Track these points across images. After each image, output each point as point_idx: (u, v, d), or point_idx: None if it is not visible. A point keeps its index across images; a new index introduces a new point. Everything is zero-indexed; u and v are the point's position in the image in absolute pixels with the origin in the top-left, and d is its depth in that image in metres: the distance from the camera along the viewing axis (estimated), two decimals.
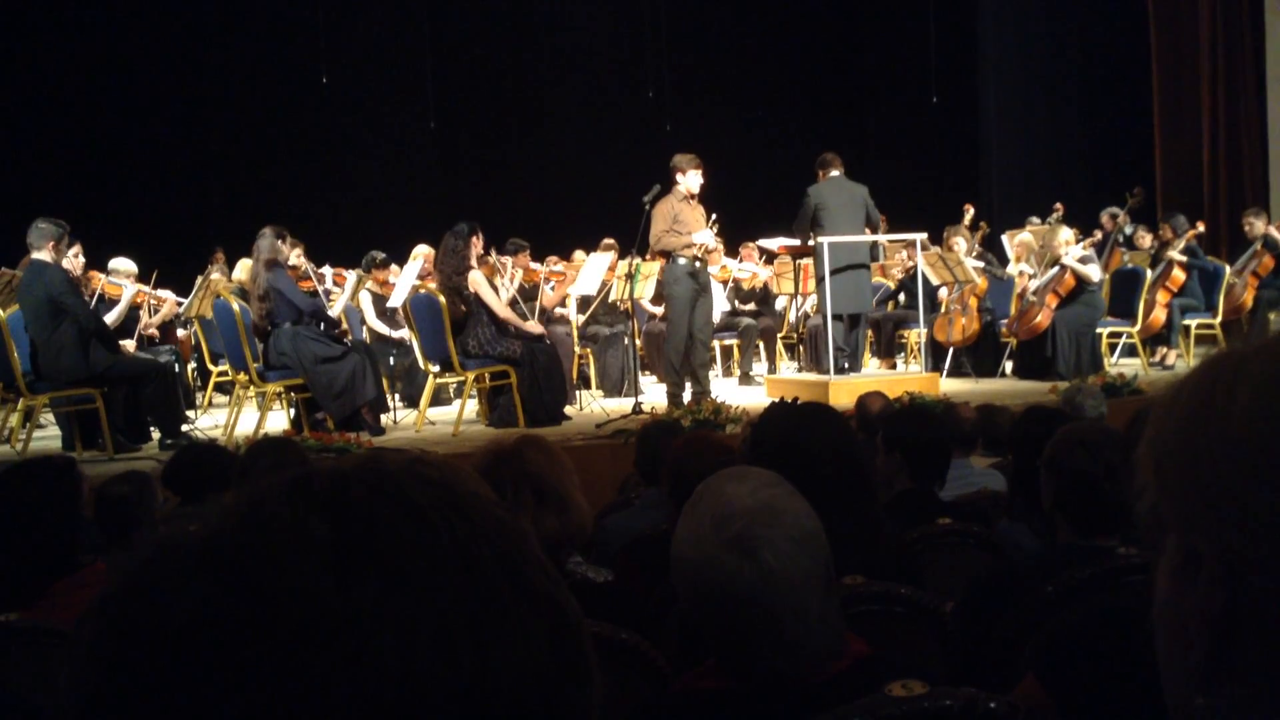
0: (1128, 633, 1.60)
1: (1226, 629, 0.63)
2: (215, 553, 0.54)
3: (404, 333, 9.11)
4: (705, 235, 8.21)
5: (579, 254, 11.31)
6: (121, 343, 8.17)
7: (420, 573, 0.54)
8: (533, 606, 0.56)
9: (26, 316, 7.19)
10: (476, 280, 7.81)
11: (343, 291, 8.46)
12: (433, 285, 8.20)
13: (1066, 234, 9.63)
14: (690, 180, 8.12)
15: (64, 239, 7.29)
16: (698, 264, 8.31)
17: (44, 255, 7.16)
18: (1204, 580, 0.63)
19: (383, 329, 9.70)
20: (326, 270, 9.55)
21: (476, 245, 7.92)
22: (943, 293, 10.19)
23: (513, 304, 8.47)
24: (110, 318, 7.97)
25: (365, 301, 9.79)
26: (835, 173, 8.76)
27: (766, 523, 1.57)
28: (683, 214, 8.09)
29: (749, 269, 11.36)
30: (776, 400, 2.84)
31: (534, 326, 8.20)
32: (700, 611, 1.60)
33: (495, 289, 8.13)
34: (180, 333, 10.01)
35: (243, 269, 10.03)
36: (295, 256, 8.39)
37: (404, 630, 0.52)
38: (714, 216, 8.70)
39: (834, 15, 17.47)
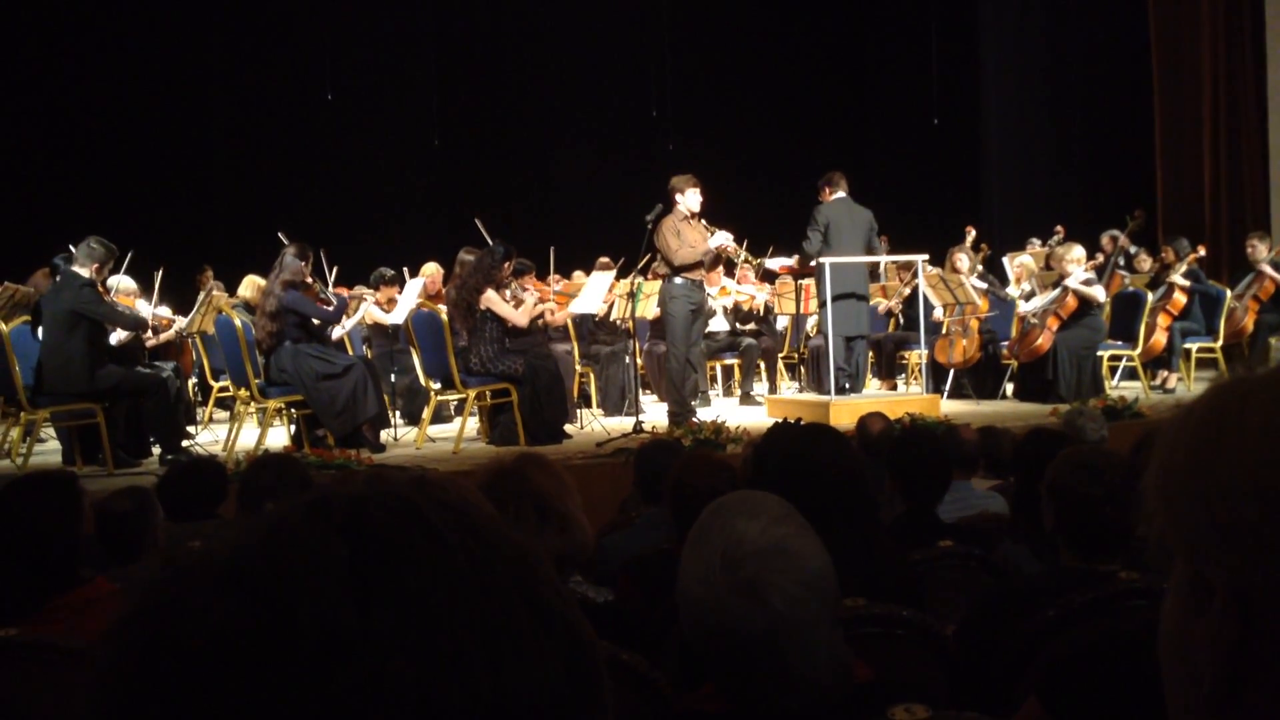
0: (1131, 658, 1.60)
1: (1238, 660, 0.62)
2: (236, 573, 0.54)
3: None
4: (722, 236, 8.19)
5: (578, 275, 11.32)
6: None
7: (438, 596, 0.54)
8: (548, 630, 0.57)
9: (45, 324, 7.22)
10: (490, 298, 7.79)
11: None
12: (440, 306, 8.21)
13: (1078, 252, 9.62)
14: (690, 200, 8.15)
15: (109, 263, 7.35)
16: (705, 289, 8.35)
17: (84, 271, 7.19)
18: (1215, 610, 0.63)
19: (385, 318, 9.62)
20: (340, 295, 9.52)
21: (506, 270, 7.95)
22: (938, 313, 10.18)
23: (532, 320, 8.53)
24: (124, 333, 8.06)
25: (374, 311, 9.80)
26: (841, 193, 8.75)
27: (778, 567, 1.54)
28: (685, 232, 8.12)
29: (748, 291, 11.36)
30: (780, 420, 2.84)
31: (553, 314, 8.28)
32: (706, 648, 1.58)
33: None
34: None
35: (248, 285, 10.03)
36: (308, 276, 8.41)
37: (422, 653, 0.53)
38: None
39: (836, 37, 17.53)
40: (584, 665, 0.58)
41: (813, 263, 8.68)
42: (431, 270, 10.01)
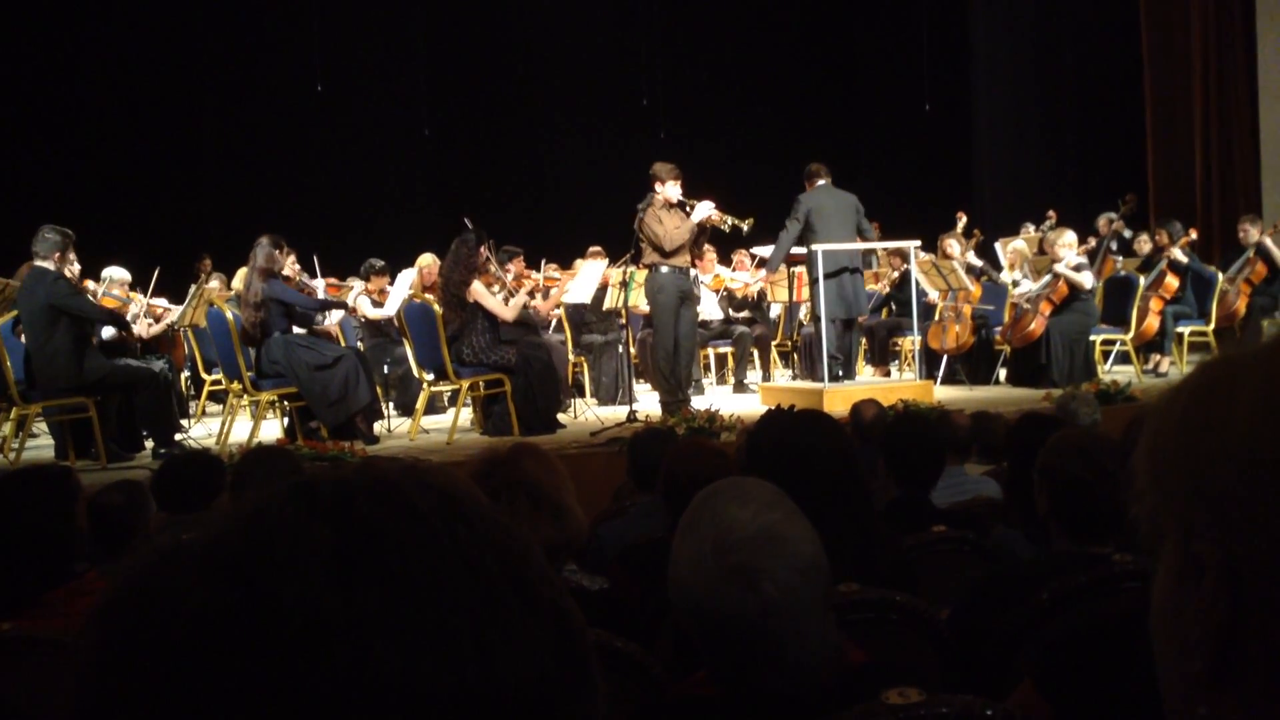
0: (1124, 639, 1.60)
1: (1229, 637, 0.62)
2: (218, 558, 0.54)
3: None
4: (703, 208, 8.13)
5: (579, 263, 11.30)
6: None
7: (424, 579, 0.54)
8: (537, 614, 0.56)
9: (24, 322, 7.18)
10: (477, 289, 7.80)
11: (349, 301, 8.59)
12: (429, 296, 8.22)
13: (1070, 237, 9.63)
14: (669, 190, 8.11)
15: (69, 248, 7.27)
16: (692, 273, 8.32)
17: (48, 264, 7.14)
18: (1207, 587, 0.63)
19: (378, 313, 9.62)
20: (319, 283, 9.53)
21: (482, 254, 7.93)
22: (933, 296, 10.18)
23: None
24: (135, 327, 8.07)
25: (364, 305, 9.79)
26: (822, 182, 8.79)
27: (769, 553, 1.54)
28: (666, 220, 8.10)
29: (742, 278, 11.35)
30: (774, 407, 2.84)
31: (543, 307, 8.27)
32: (699, 634, 1.59)
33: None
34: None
35: (241, 278, 10.01)
36: (288, 266, 8.40)
37: (407, 637, 0.52)
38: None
39: (828, 24, 17.50)
40: (573, 650, 0.57)
41: (786, 245, 8.67)
42: (428, 261, 9.97)
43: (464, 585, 0.55)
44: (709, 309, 10.86)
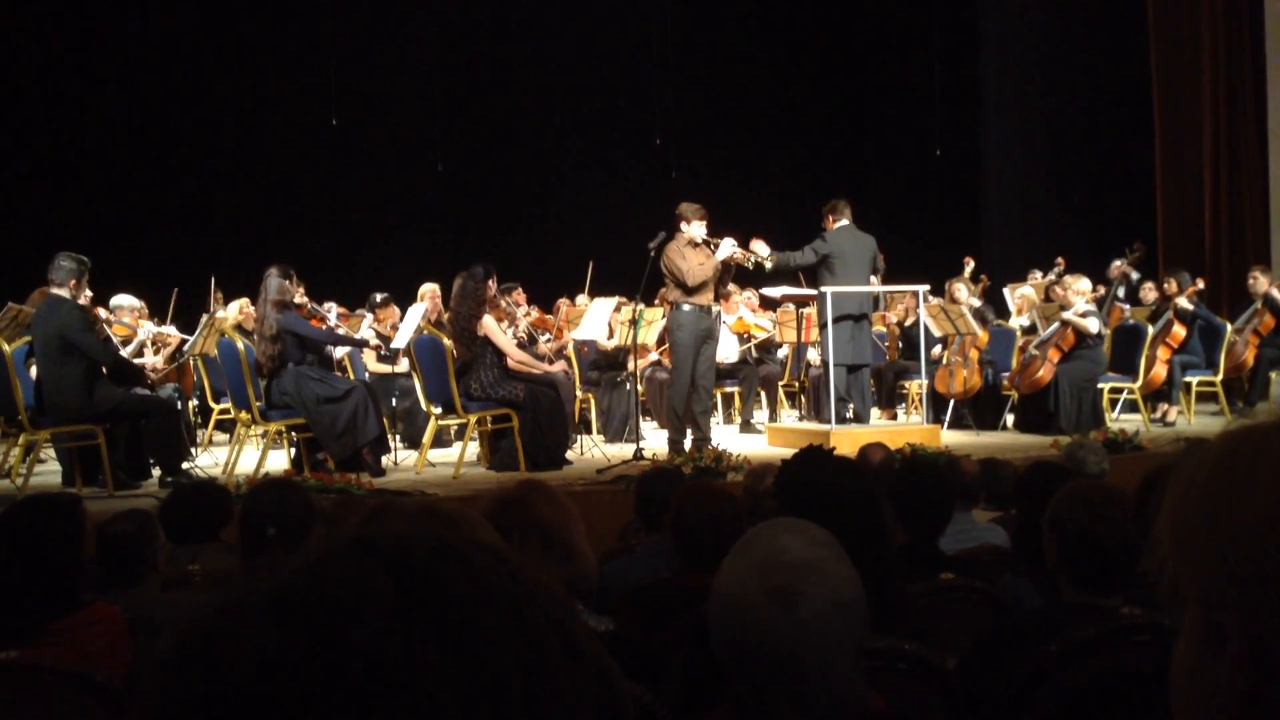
0: (1133, 693, 1.60)
1: (1251, 706, 0.63)
2: (284, 604, 0.56)
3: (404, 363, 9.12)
4: (727, 246, 8.18)
5: (581, 299, 11.33)
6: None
7: (480, 629, 0.56)
8: (582, 668, 0.59)
9: (36, 350, 7.19)
10: (488, 325, 7.82)
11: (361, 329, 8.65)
12: (437, 329, 8.23)
13: (1084, 284, 9.64)
14: (694, 230, 8.17)
15: (84, 276, 7.28)
16: (714, 310, 8.35)
17: (63, 292, 7.15)
18: (1229, 657, 0.64)
19: (384, 369, 9.69)
20: (331, 312, 9.56)
21: (490, 288, 7.96)
22: (936, 350, 10.16)
23: (521, 346, 8.50)
24: (125, 352, 8.05)
25: (370, 359, 9.82)
26: (845, 221, 8.78)
27: (811, 580, 1.59)
28: (690, 256, 8.14)
29: (764, 324, 11.34)
30: (808, 446, 2.86)
31: (551, 367, 8.27)
32: (727, 650, 1.62)
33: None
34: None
35: (236, 307, 10.03)
36: (299, 295, 8.42)
37: (465, 683, 0.54)
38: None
39: (840, 67, 17.62)
40: (613, 702, 0.60)
41: (794, 263, 8.69)
42: (432, 289, 9.99)
43: (516, 637, 0.57)
44: (726, 350, 10.86)
